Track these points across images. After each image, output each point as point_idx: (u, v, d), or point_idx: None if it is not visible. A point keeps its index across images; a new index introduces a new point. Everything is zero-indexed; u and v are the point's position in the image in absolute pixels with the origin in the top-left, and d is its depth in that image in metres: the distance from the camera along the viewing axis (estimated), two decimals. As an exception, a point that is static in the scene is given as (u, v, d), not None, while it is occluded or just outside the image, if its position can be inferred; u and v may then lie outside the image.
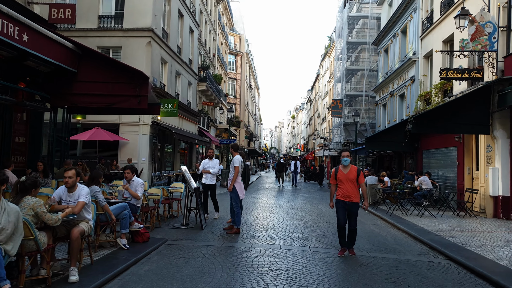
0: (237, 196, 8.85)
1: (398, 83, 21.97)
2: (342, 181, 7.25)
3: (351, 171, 7.29)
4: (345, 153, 7.41)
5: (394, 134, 18.32)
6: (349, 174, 7.26)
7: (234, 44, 58.83)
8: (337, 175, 7.34)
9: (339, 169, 7.39)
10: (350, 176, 7.23)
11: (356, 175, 7.24)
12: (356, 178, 7.23)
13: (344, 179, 7.24)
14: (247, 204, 14.54)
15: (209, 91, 29.34)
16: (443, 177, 15.90)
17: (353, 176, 7.24)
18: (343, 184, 7.25)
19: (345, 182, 7.23)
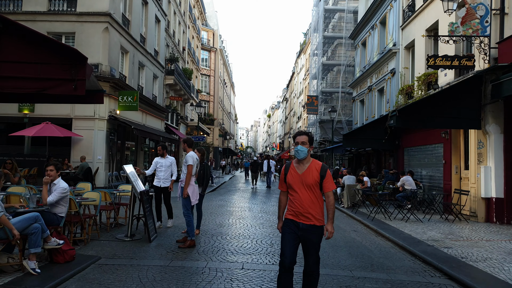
0: (188, 201, 7.24)
1: (377, 77, 20.81)
2: (294, 187, 4.14)
3: (311, 170, 4.10)
4: (300, 137, 4.16)
5: (373, 130, 17.10)
6: (306, 176, 4.09)
7: (207, 40, 57.02)
8: (287, 177, 4.23)
9: (290, 167, 4.24)
10: (307, 179, 4.08)
11: (319, 177, 4.07)
12: (318, 182, 4.07)
13: (297, 184, 4.12)
14: (212, 208, 12.93)
15: (178, 85, 27.51)
16: (427, 176, 14.73)
17: (313, 179, 4.07)
18: (295, 193, 4.14)
19: (297, 189, 4.12)
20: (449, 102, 11.25)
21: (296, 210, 4.13)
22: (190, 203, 7.25)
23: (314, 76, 35.49)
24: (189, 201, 7.22)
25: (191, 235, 7.13)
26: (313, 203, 4.10)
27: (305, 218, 4.09)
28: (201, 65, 54.00)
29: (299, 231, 4.11)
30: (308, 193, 4.09)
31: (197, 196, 7.42)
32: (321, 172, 4.09)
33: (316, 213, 4.09)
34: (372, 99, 21.80)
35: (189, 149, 7.55)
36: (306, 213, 4.08)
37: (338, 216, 12.53)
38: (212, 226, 9.45)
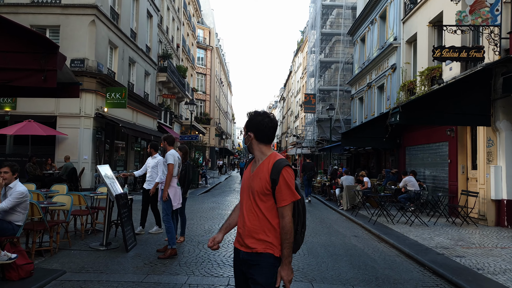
0: (169, 205, 6.43)
1: (377, 73, 20.04)
2: (241, 194, 2.86)
3: (261, 170, 2.68)
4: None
5: (373, 128, 16.31)
6: (254, 178, 2.71)
7: (203, 38, 56.22)
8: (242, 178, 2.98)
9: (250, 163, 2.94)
10: (254, 183, 2.68)
11: (269, 182, 2.58)
12: (268, 189, 2.59)
13: (244, 189, 2.80)
14: (203, 211, 12.12)
15: (171, 83, 26.68)
16: (430, 177, 13.96)
17: (260, 183, 2.63)
18: (241, 203, 2.82)
19: (242, 198, 2.80)
20: (455, 97, 10.48)
21: (238, 230, 2.74)
22: (171, 207, 6.44)
23: (312, 74, 34.69)
24: (169, 205, 6.41)
25: (171, 243, 6.32)
26: (258, 220, 2.60)
27: (245, 245, 2.63)
28: (197, 63, 53.18)
29: (238, 262, 2.71)
30: (252, 204, 2.64)
31: (179, 200, 6.62)
32: (271, 174, 2.56)
33: (261, 235, 2.58)
34: (371, 97, 21.03)
35: (170, 147, 6.74)
36: (247, 235, 2.62)
37: (337, 220, 11.76)
38: (200, 232, 8.64)
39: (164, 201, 6.37)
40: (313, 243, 8.06)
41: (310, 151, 38.35)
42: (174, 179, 6.52)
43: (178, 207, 6.63)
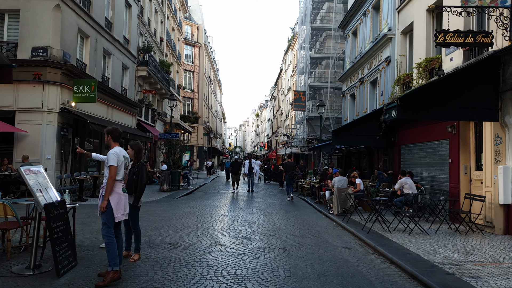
0: (110, 217, 5.08)
1: (370, 68, 18.83)
2: None
3: None
4: None
5: (365, 126, 15.09)
6: None
7: (191, 34, 54.79)
8: None
9: None
10: None
11: None
12: None
13: None
14: (176, 218, 10.74)
15: (153, 78, 25.20)
16: (428, 178, 12.75)
17: None
18: None
19: None
20: (459, 89, 9.26)
21: None
22: (113, 220, 5.08)
23: (302, 71, 33.46)
24: (110, 216, 5.05)
25: (112, 264, 4.96)
26: None
27: None
28: (185, 61, 51.72)
29: None
30: None
31: (124, 210, 5.24)
32: None
33: None
34: (363, 93, 19.83)
35: (115, 143, 5.35)
36: None
37: (327, 227, 10.47)
38: (163, 246, 7.27)
39: (103, 212, 5.01)
40: (297, 258, 6.76)
41: (300, 150, 37.13)
42: (119, 184, 5.15)
43: (123, 219, 5.25)
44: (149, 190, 18.72)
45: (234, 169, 19.84)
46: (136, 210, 6.03)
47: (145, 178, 5.84)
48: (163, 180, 18.43)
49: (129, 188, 5.74)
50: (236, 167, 19.88)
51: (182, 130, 36.24)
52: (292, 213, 12.80)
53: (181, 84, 41.12)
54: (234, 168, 19.86)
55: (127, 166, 5.36)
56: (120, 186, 5.18)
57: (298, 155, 41.43)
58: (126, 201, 5.28)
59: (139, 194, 5.84)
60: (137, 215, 6.07)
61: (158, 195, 16.78)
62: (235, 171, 19.76)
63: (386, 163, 16.74)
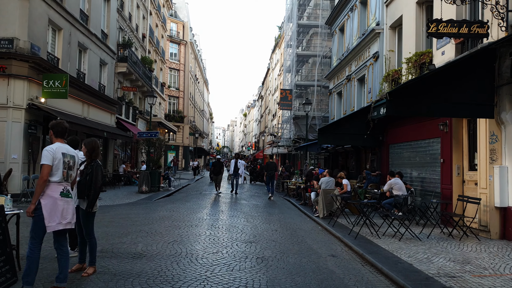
0: (39, 225, 4.27)
1: (357, 64, 18.23)
2: None
3: None
4: None
5: (353, 124, 14.48)
6: None
7: (176, 32, 53.80)
8: None
9: None
10: None
11: None
12: None
13: None
14: (149, 222, 9.91)
15: (133, 75, 24.25)
16: (418, 179, 12.15)
17: None
18: None
19: None
20: (452, 84, 8.65)
21: None
22: (41, 229, 4.26)
23: (288, 69, 32.81)
24: (39, 225, 4.24)
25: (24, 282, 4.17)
26: None
27: None
28: (171, 59, 50.74)
29: None
30: None
31: (59, 218, 4.37)
32: None
33: None
34: (351, 90, 19.23)
35: (57, 139, 4.53)
36: None
37: (312, 231, 9.78)
38: (126, 256, 6.46)
39: (33, 218, 4.20)
40: (277, 270, 6.03)
41: (287, 150, 36.50)
42: (56, 187, 4.34)
43: (59, 228, 4.41)
44: (127, 192, 17.84)
45: (216, 169, 18.78)
46: (91, 217, 5.21)
47: (99, 181, 5.04)
48: (141, 181, 17.56)
49: (81, 191, 4.95)
50: (218, 167, 18.80)
51: (165, 129, 35.30)
52: (276, 216, 12.08)
53: (165, 82, 40.12)
54: (216, 168, 18.80)
55: (71, 166, 4.55)
56: (58, 190, 4.35)
57: (285, 155, 40.80)
58: (68, 207, 4.46)
59: (93, 198, 5.02)
60: (91, 223, 5.26)
61: (136, 197, 15.91)
62: (217, 172, 18.70)
63: (374, 163, 16.15)
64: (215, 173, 18.73)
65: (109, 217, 10.29)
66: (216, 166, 18.96)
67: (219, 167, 18.80)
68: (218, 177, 18.70)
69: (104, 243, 7.13)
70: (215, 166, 19.04)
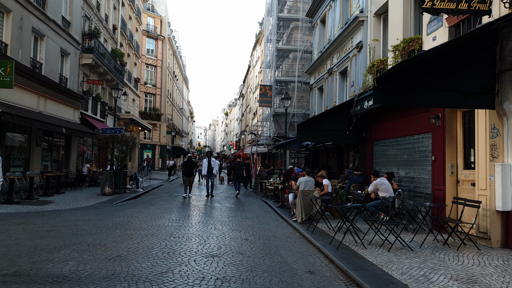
0: None
1: (339, 56, 17.07)
2: None
3: None
4: None
5: (335, 119, 13.34)
6: None
7: (154, 27, 51.99)
8: None
9: None
10: None
11: None
12: None
13: None
14: (96, 230, 8.42)
15: (101, 67, 22.55)
16: (406, 178, 11.02)
17: None
18: None
19: None
20: (447, 70, 7.48)
21: None
22: None
23: (268, 65, 31.54)
24: None
25: None
26: None
27: None
28: (148, 55, 48.97)
29: None
30: None
31: None
32: None
33: None
34: (332, 85, 18.07)
35: None
36: None
37: (288, 239, 8.49)
38: (46, 279, 5.00)
39: None
40: (238, 296, 4.72)
41: (267, 149, 35.25)
42: None
43: None
44: (88, 194, 16.25)
45: (186, 170, 16.95)
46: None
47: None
48: (104, 182, 15.99)
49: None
50: (189, 167, 16.98)
51: (139, 126, 33.59)
52: (249, 220, 10.77)
53: (140, 78, 38.34)
54: (187, 168, 16.95)
55: None
56: None
57: (265, 154, 39.56)
58: None
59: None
60: None
61: (96, 200, 14.35)
62: (188, 172, 16.88)
63: (357, 162, 15.02)
64: (186, 174, 16.88)
65: (50, 225, 8.79)
66: (187, 166, 17.13)
67: (191, 167, 17.12)
68: (189, 179, 16.91)
69: (25, 261, 5.69)
70: (186, 166, 17.18)
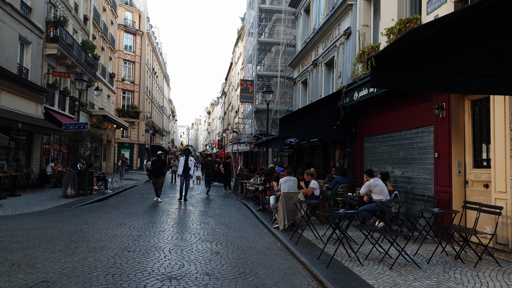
0: None
1: (325, 46, 15.78)
2: None
3: None
4: None
5: (321, 113, 12.10)
6: None
7: (132, 22, 50.08)
8: None
9: None
10: None
11: None
12: None
13: None
14: (40, 240, 6.85)
15: (69, 59, 20.76)
16: (402, 179, 9.75)
17: None
18: None
19: None
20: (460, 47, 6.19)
21: None
22: None
23: (250, 59, 30.15)
24: None
25: None
26: None
27: None
28: (125, 50, 47.10)
29: None
30: None
31: None
32: None
33: None
34: (317, 77, 16.77)
35: None
36: None
37: (268, 252, 7.07)
38: None
39: None
40: None
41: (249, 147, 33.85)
42: None
43: None
44: (49, 196, 14.57)
45: (155, 170, 14.15)
46: None
47: None
48: (66, 183, 14.32)
49: None
50: (158, 167, 14.12)
51: (114, 124, 31.79)
52: (224, 227, 9.35)
53: (115, 73, 36.45)
54: (156, 168, 14.15)
55: None
56: None
57: (247, 153, 38.16)
58: None
59: None
60: None
61: (54, 203, 12.71)
62: (157, 173, 14.08)
63: (345, 160, 13.75)
64: (154, 175, 14.15)
65: None
66: (156, 165, 14.27)
67: (160, 166, 14.21)
68: (158, 180, 14.11)
69: None
70: (155, 165, 14.39)
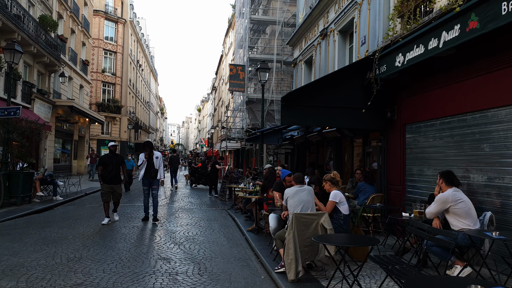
0: None
1: (338, 8, 12.04)
2: None
3: None
4: None
5: (339, 91, 8.35)
6: None
7: (113, 8, 46.02)
8: None
9: None
10: None
11: None
12: None
13: None
14: None
15: (17, 33, 16.82)
16: (487, 188, 6.02)
17: None
18: None
19: None
20: None
21: None
22: None
23: (241, 44, 26.37)
24: None
25: None
26: None
27: None
28: (106, 40, 43.18)
29: None
30: None
31: None
32: None
33: None
34: (327, 52, 13.06)
35: None
36: None
37: None
38: None
39: None
40: None
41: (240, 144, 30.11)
42: None
43: None
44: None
45: (109, 173, 9.24)
46: None
47: None
48: None
49: None
50: (111, 169, 9.28)
51: (86, 118, 27.84)
52: (194, 269, 5.58)
53: (89, 61, 32.44)
54: (107, 169, 9.27)
55: None
56: None
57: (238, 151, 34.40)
58: None
59: None
60: None
61: None
62: (110, 178, 9.25)
63: (367, 159, 10.06)
64: (106, 180, 9.22)
65: None
66: (108, 165, 9.27)
67: (116, 165, 9.36)
68: (114, 187, 9.33)
69: None
70: (107, 164, 9.31)
